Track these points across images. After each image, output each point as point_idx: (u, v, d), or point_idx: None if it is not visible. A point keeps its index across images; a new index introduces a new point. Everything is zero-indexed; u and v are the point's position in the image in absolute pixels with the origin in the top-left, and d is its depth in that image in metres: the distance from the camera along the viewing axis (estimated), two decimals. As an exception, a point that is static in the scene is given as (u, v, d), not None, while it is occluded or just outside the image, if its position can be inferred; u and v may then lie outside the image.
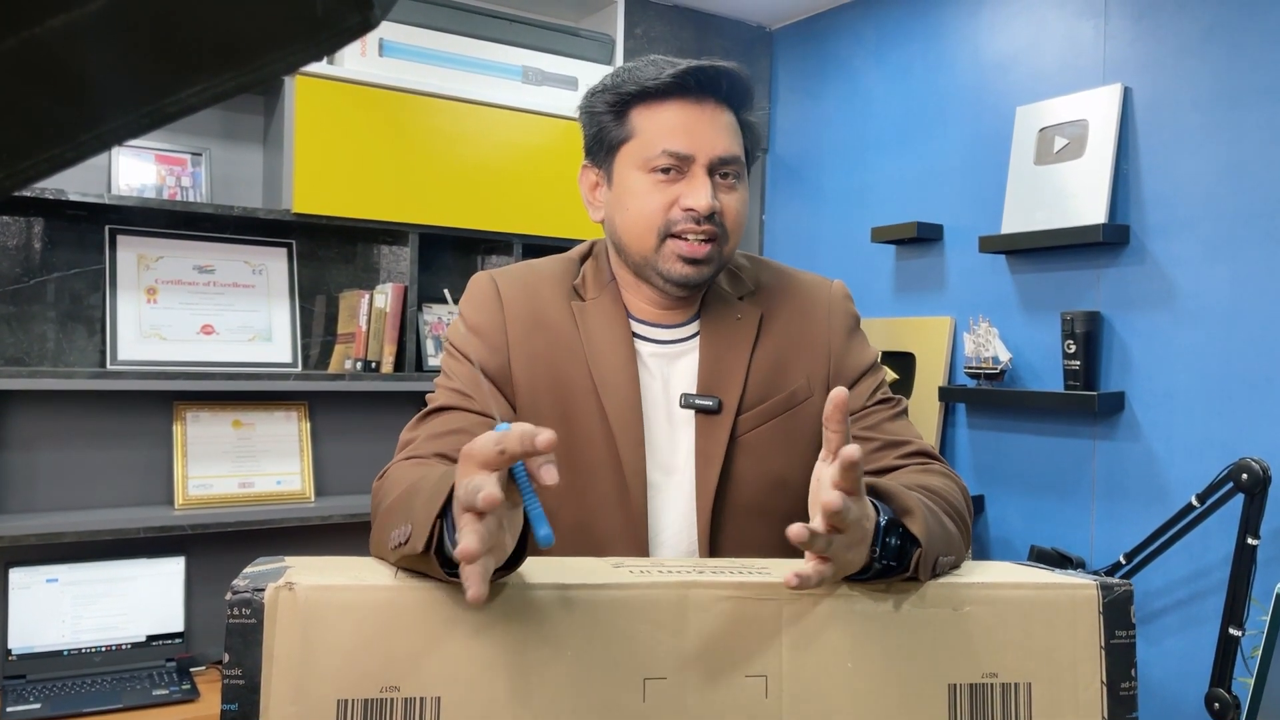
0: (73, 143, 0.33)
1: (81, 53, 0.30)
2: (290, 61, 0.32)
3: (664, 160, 1.10)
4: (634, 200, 1.12)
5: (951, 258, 2.64)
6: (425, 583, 0.75)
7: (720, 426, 1.12)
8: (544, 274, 1.21)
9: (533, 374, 1.13)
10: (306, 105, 2.33)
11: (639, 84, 1.10)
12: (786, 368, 1.16)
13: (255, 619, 0.71)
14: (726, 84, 1.11)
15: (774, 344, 1.17)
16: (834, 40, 3.00)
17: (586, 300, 1.18)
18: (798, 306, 1.20)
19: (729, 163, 1.12)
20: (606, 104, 1.14)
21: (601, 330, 1.15)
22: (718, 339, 1.16)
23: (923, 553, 0.82)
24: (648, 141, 1.11)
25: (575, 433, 1.11)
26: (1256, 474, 1.78)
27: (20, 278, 2.25)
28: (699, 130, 1.10)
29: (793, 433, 1.15)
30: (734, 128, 1.14)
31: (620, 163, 1.14)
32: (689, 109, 1.11)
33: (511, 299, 1.17)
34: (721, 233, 1.11)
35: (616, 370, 1.13)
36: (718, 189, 1.11)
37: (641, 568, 0.82)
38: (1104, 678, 0.82)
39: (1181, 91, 2.15)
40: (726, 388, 1.14)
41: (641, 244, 1.12)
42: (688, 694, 0.76)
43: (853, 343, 1.20)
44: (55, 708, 1.99)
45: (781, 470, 1.13)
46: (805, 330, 1.19)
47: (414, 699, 0.72)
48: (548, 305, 1.17)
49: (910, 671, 0.80)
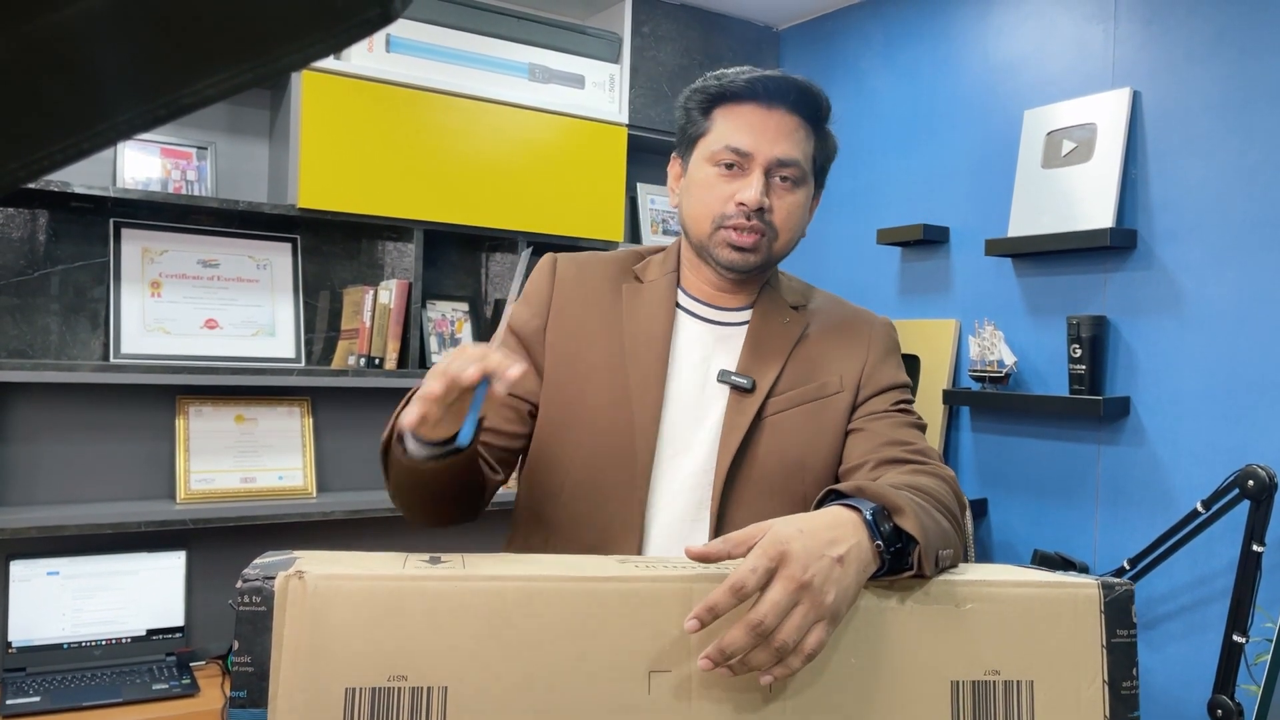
0: (87, 134, 0.33)
1: (97, 43, 0.30)
2: (308, 54, 0.32)
3: (727, 155, 1.21)
4: (699, 190, 1.23)
5: (957, 260, 2.63)
6: (433, 573, 0.76)
7: (750, 403, 1.21)
8: (608, 259, 1.34)
9: (565, 341, 1.25)
10: (313, 100, 2.32)
11: (720, 85, 1.23)
12: (823, 367, 1.26)
13: (265, 606, 0.72)
14: (795, 94, 1.21)
15: (814, 348, 1.27)
16: (841, 41, 3.00)
17: (644, 283, 1.29)
18: (843, 325, 1.31)
19: (787, 165, 1.22)
20: (696, 102, 1.25)
21: (645, 308, 1.26)
22: (764, 332, 1.26)
23: (922, 548, 0.85)
24: (718, 137, 1.22)
25: (591, 395, 1.22)
26: (1263, 480, 1.78)
27: (24, 270, 2.25)
28: (763, 132, 1.21)
29: (818, 420, 1.23)
30: (800, 135, 1.24)
31: (696, 155, 1.25)
32: (758, 112, 1.21)
33: (565, 274, 1.30)
34: (770, 229, 1.22)
35: (648, 344, 1.23)
36: (773, 189, 1.22)
37: (647, 563, 0.83)
38: (1105, 676, 0.83)
39: (1190, 96, 2.14)
40: (763, 372, 1.23)
41: (699, 229, 1.23)
42: (692, 687, 0.77)
43: (888, 361, 1.30)
44: (54, 701, 1.99)
45: (802, 453, 1.20)
46: (846, 343, 1.29)
47: (421, 688, 0.73)
48: (600, 284, 1.29)
49: (913, 668, 0.80)
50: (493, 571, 0.77)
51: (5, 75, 0.30)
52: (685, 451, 1.20)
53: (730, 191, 1.21)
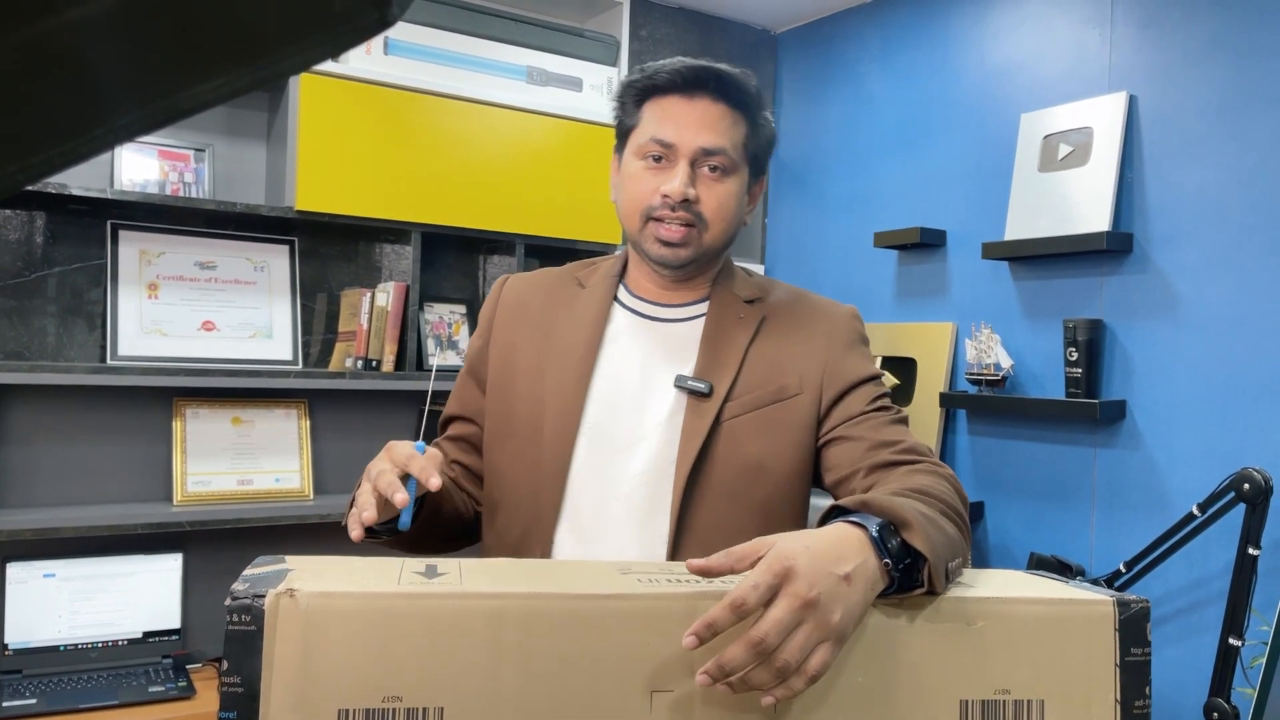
0: (86, 137, 0.33)
1: (97, 46, 0.30)
2: (306, 58, 0.32)
3: (652, 148, 1.20)
4: (628, 183, 1.24)
5: (954, 264, 2.63)
6: (429, 591, 0.74)
7: (708, 408, 1.19)
8: (559, 270, 1.35)
9: (501, 356, 1.27)
10: (311, 102, 2.32)
11: (646, 79, 1.22)
12: (781, 367, 1.22)
13: (255, 626, 0.70)
14: (716, 82, 1.20)
15: (772, 345, 1.24)
16: (839, 44, 3.00)
17: (585, 288, 1.30)
18: (802, 319, 1.27)
19: (713, 154, 1.20)
20: (629, 96, 1.25)
21: (579, 312, 1.27)
22: (719, 331, 1.24)
23: (931, 565, 0.82)
24: (643, 130, 1.22)
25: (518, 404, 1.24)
26: (1258, 484, 1.78)
27: (21, 272, 2.25)
28: (686, 122, 1.20)
29: (776, 423, 1.20)
30: (727, 124, 1.21)
31: (627, 148, 1.25)
32: (681, 104, 1.21)
33: (510, 294, 1.32)
34: (699, 221, 1.20)
35: (574, 346, 1.23)
36: (700, 180, 1.20)
37: (650, 575, 0.81)
38: (1118, 695, 0.81)
39: (1186, 100, 2.15)
40: (720, 374, 1.21)
41: (631, 224, 1.24)
42: (695, 707, 0.75)
43: (851, 353, 1.25)
44: (51, 703, 1.99)
45: (760, 457, 1.18)
46: (805, 338, 1.25)
47: (416, 709, 0.71)
48: (543, 296, 1.31)
49: (922, 686, 0.79)
50: (491, 588, 0.75)
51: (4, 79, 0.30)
52: (627, 451, 1.18)
53: (656, 184, 1.20)
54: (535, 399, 1.21)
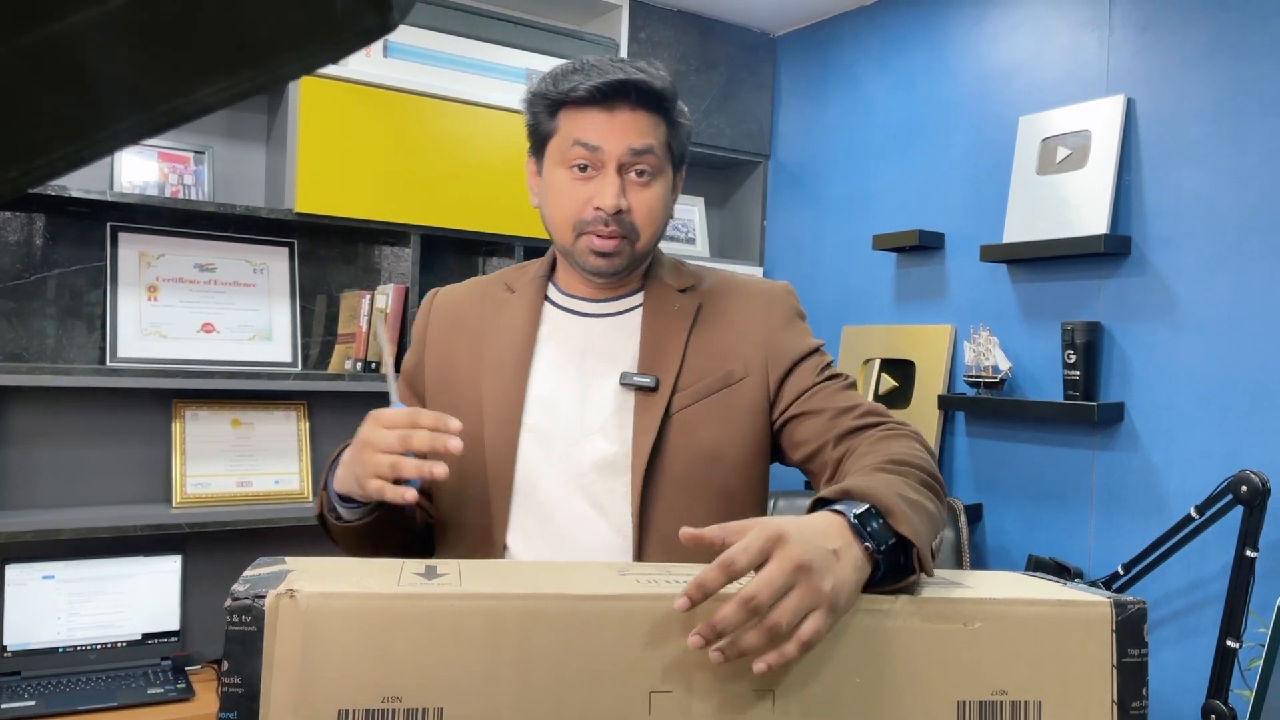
0: (89, 141, 0.33)
1: (100, 51, 0.30)
2: (308, 62, 0.32)
3: (578, 154, 1.18)
4: (555, 195, 1.22)
5: (952, 266, 2.64)
6: (429, 591, 0.74)
7: (656, 402, 1.19)
8: (487, 278, 1.34)
9: (436, 370, 1.27)
10: (311, 105, 2.33)
11: (561, 94, 1.19)
12: (724, 354, 1.23)
13: (255, 626, 0.70)
14: (635, 93, 1.18)
15: (711, 332, 1.24)
16: (837, 47, 3.01)
17: (514, 291, 1.29)
18: (738, 303, 1.27)
19: (641, 154, 1.19)
20: (542, 106, 1.23)
21: (510, 316, 1.26)
22: (657, 324, 1.24)
23: (918, 550, 0.84)
24: (565, 137, 1.20)
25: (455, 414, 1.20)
26: (1256, 486, 1.78)
27: (21, 273, 2.25)
28: (609, 131, 1.18)
29: (727, 410, 1.21)
30: (649, 128, 1.20)
31: (548, 156, 1.23)
32: (601, 115, 1.19)
33: (440, 306, 1.32)
34: (630, 231, 1.19)
35: (508, 349, 1.23)
36: (629, 187, 1.19)
37: (650, 576, 0.81)
38: (1115, 696, 0.81)
39: (1184, 103, 2.15)
40: (664, 367, 1.21)
41: (562, 235, 1.22)
42: (693, 708, 0.75)
43: (791, 329, 1.26)
44: (49, 705, 1.99)
45: (714, 446, 1.19)
46: (744, 321, 1.25)
47: (416, 709, 0.71)
48: (473, 304, 1.30)
49: (919, 688, 0.79)
50: (490, 589, 0.75)
51: (7, 83, 0.30)
52: (575, 450, 1.18)
53: (587, 195, 1.18)
54: (474, 408, 1.20)
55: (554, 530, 1.17)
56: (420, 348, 1.31)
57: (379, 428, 1.03)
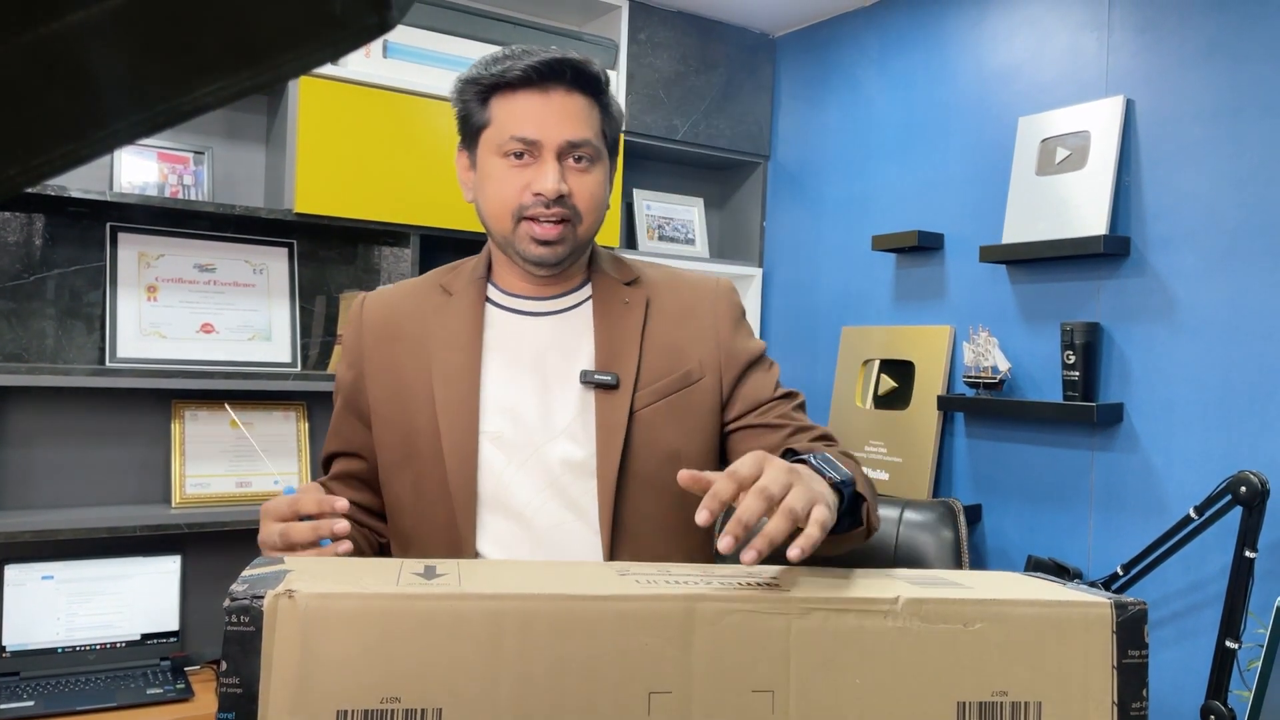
0: (87, 140, 0.33)
1: (98, 49, 0.30)
2: (306, 62, 0.32)
3: (514, 145, 1.17)
4: (491, 185, 1.20)
5: (952, 267, 2.64)
6: (427, 592, 0.74)
7: (620, 401, 1.18)
8: (418, 282, 1.30)
9: (382, 384, 1.22)
10: (310, 105, 2.33)
11: (494, 77, 1.18)
12: (678, 351, 1.23)
13: (254, 627, 0.70)
14: (571, 72, 1.17)
15: (663, 329, 1.24)
16: (837, 48, 3.01)
17: (452, 295, 1.25)
18: (684, 298, 1.27)
19: (579, 146, 1.18)
20: (472, 94, 1.21)
21: (453, 320, 1.22)
22: (610, 319, 1.22)
23: (869, 502, 0.98)
24: (500, 128, 1.18)
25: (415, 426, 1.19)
26: (1255, 487, 1.78)
27: (20, 274, 2.25)
28: (546, 117, 1.16)
29: (685, 410, 1.21)
30: (584, 113, 1.19)
31: (481, 148, 1.21)
32: (536, 98, 1.17)
33: (372, 315, 1.27)
34: (574, 215, 1.18)
35: (456, 355, 1.20)
36: (568, 172, 1.18)
37: (649, 576, 0.81)
38: (1115, 697, 0.81)
39: (1184, 104, 2.16)
40: (622, 364, 1.20)
41: (500, 225, 1.20)
42: (693, 708, 0.75)
43: (740, 332, 1.28)
44: (48, 705, 1.99)
45: (675, 445, 1.19)
46: (693, 319, 1.26)
47: (415, 710, 0.71)
48: (408, 314, 1.25)
49: (919, 688, 0.79)
50: (489, 589, 0.75)
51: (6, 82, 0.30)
52: (539, 455, 1.17)
53: (524, 181, 1.17)
54: (430, 421, 1.17)
55: (534, 535, 1.16)
56: (359, 362, 1.25)
57: (268, 523, 1.00)
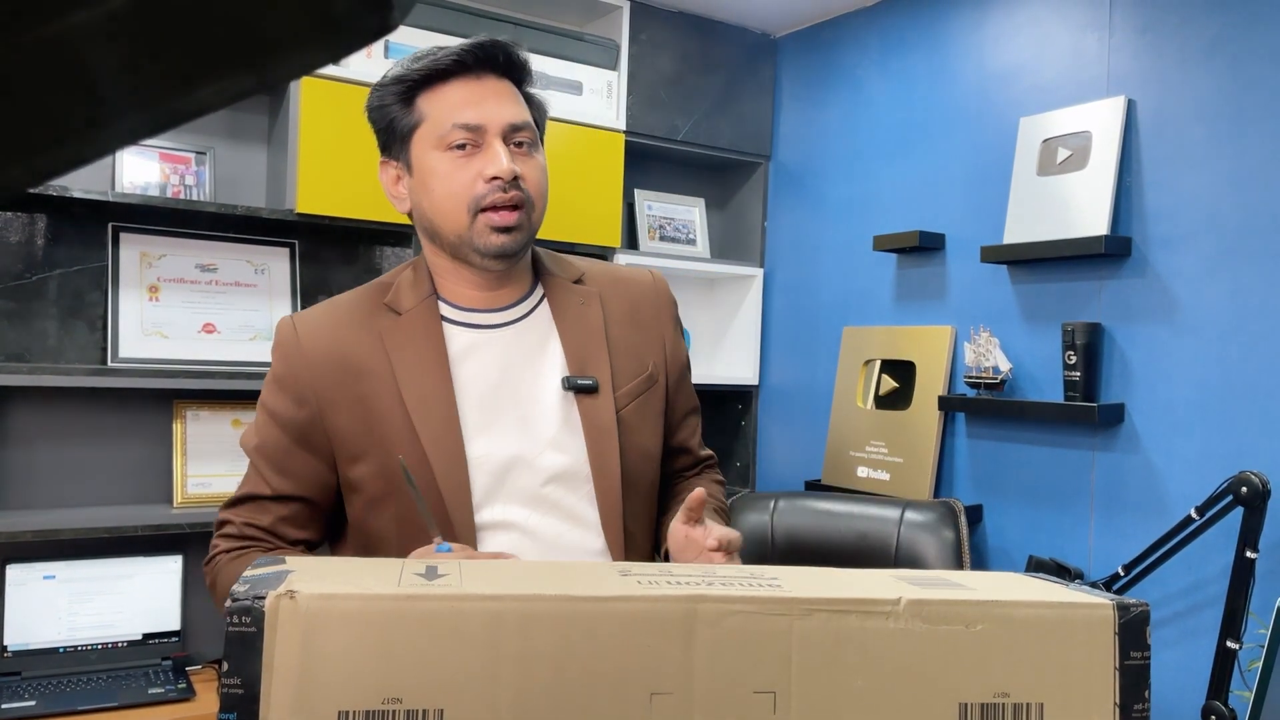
0: (90, 141, 0.33)
1: (101, 50, 0.30)
2: (308, 63, 0.32)
3: (458, 135, 1.12)
4: (437, 181, 1.14)
5: (953, 267, 2.64)
6: (429, 593, 0.74)
7: (603, 404, 1.18)
8: (351, 303, 1.22)
9: (350, 419, 1.14)
10: (312, 106, 2.33)
11: (424, 69, 1.14)
12: (637, 352, 1.24)
13: (255, 627, 0.70)
14: (503, 57, 1.16)
15: (619, 329, 1.24)
16: (838, 49, 3.01)
17: (401, 314, 1.18)
18: (629, 295, 1.28)
19: (521, 129, 1.15)
20: (394, 95, 1.16)
21: (411, 342, 1.16)
22: (570, 322, 1.21)
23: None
24: (438, 121, 1.13)
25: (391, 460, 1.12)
26: (1256, 487, 1.78)
27: (22, 274, 2.25)
28: (485, 102, 1.13)
29: (650, 409, 1.23)
30: (518, 98, 1.18)
31: (416, 149, 1.16)
32: (471, 84, 1.14)
33: (313, 345, 1.17)
34: (527, 199, 1.15)
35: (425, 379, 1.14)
36: (514, 156, 1.14)
37: (651, 577, 0.82)
38: (1117, 699, 0.81)
39: (1185, 105, 2.15)
40: (596, 367, 1.19)
41: (454, 222, 1.14)
42: (694, 709, 0.75)
43: (679, 334, 1.31)
44: (50, 705, 1.99)
45: (649, 444, 1.22)
46: (643, 318, 1.27)
47: (416, 711, 0.71)
48: (355, 336, 1.17)
49: (921, 690, 0.79)
50: (491, 590, 0.75)
51: (8, 82, 0.30)
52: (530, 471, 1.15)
53: (474, 170, 1.12)
54: (418, 453, 1.12)
55: (539, 550, 1.15)
56: (309, 398, 1.15)
57: None
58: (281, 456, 1.17)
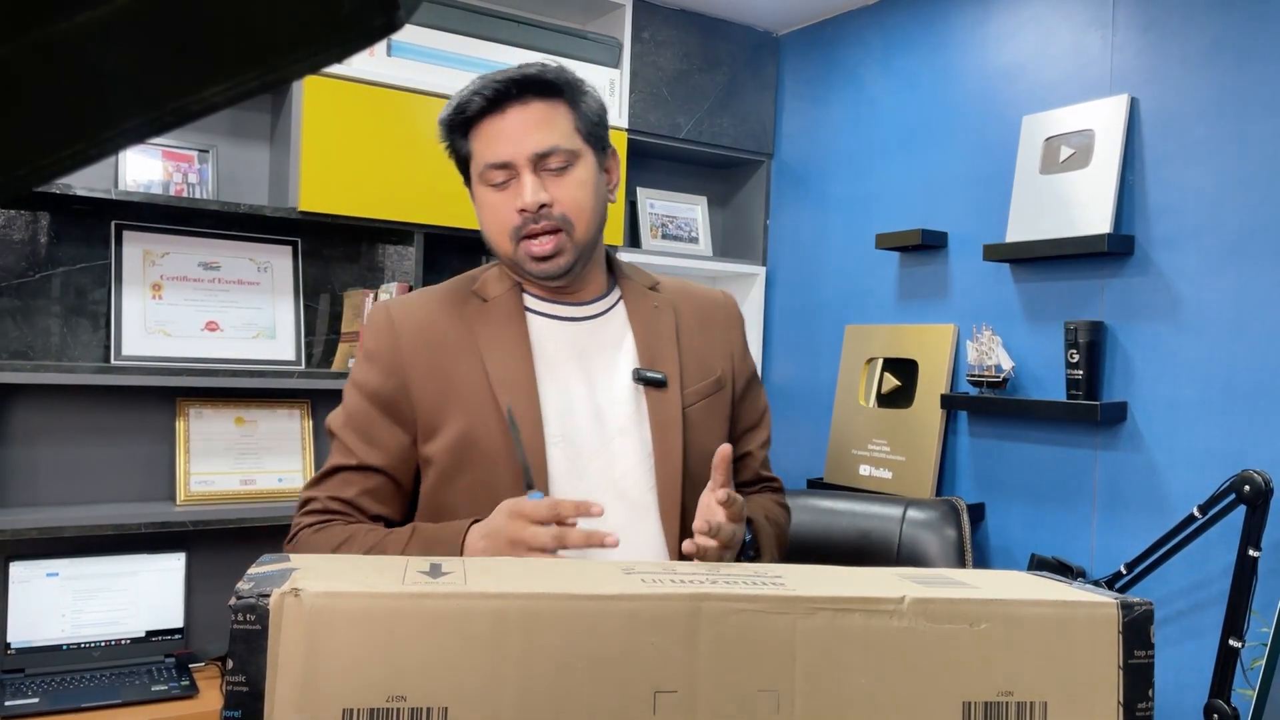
0: (95, 139, 0.33)
1: (106, 49, 0.30)
2: (314, 61, 0.33)
3: (492, 174, 1.21)
4: (485, 213, 1.25)
5: (955, 265, 2.64)
6: (433, 591, 0.74)
7: (671, 400, 1.23)
8: (443, 291, 1.32)
9: (432, 391, 1.21)
10: (314, 104, 2.33)
11: (455, 114, 1.24)
12: (705, 358, 1.29)
13: (260, 625, 0.70)
14: (518, 88, 1.20)
15: (690, 335, 1.30)
16: (841, 47, 3.01)
17: (488, 300, 1.27)
18: (700, 307, 1.34)
19: (547, 155, 1.20)
20: (446, 133, 1.27)
21: (498, 325, 1.24)
22: (644, 322, 1.27)
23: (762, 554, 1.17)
24: (478, 160, 1.23)
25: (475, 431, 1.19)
26: (1258, 486, 1.78)
27: (26, 272, 2.26)
28: (508, 137, 1.20)
29: (716, 412, 1.28)
30: (546, 120, 1.21)
31: (473, 181, 1.27)
32: (496, 121, 1.21)
33: (405, 323, 1.26)
34: (563, 223, 1.20)
35: (511, 359, 1.21)
36: (548, 181, 1.20)
37: (654, 575, 0.82)
38: (1121, 698, 0.81)
39: (1188, 103, 2.15)
40: (666, 365, 1.24)
41: (503, 249, 1.24)
42: (699, 707, 0.75)
43: (747, 349, 1.37)
44: (53, 702, 1.99)
45: (711, 443, 1.23)
46: (712, 330, 1.33)
47: (421, 709, 0.71)
48: (445, 317, 1.26)
49: (924, 688, 0.79)
50: (495, 588, 0.75)
51: (15, 81, 0.30)
52: (601, 456, 1.20)
53: (510, 203, 1.20)
54: (490, 427, 1.18)
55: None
56: (399, 369, 1.23)
57: (529, 525, 1.03)
58: (368, 425, 1.23)
